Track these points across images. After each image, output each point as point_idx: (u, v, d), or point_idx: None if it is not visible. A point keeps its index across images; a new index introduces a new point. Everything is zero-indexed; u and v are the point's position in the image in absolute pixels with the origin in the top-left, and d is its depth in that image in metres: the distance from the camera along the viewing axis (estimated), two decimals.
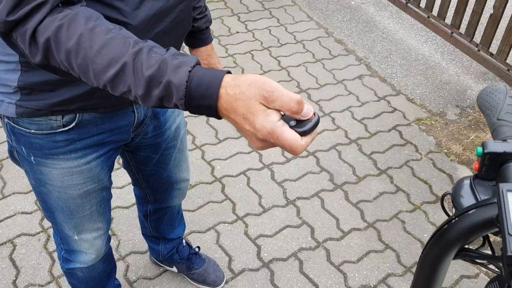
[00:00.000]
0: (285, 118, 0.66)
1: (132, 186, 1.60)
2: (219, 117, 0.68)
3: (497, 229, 0.55)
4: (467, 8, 2.94)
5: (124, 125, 1.13)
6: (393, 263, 1.98)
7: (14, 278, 1.88)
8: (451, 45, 3.23)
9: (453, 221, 0.58)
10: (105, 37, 0.68)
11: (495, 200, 0.55)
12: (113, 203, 2.18)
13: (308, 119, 0.66)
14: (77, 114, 1.02)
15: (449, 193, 0.65)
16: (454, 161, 2.44)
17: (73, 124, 1.03)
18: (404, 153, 2.49)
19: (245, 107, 0.64)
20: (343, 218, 2.16)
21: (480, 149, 0.62)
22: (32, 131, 1.03)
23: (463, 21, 2.99)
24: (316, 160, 2.44)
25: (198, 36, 1.31)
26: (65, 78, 0.80)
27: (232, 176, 2.33)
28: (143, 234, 1.79)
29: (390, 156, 2.47)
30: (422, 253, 0.66)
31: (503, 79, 2.82)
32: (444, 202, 0.72)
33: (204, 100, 0.65)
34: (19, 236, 2.03)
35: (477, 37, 2.94)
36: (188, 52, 1.37)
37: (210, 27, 1.33)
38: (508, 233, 0.48)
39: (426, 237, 2.07)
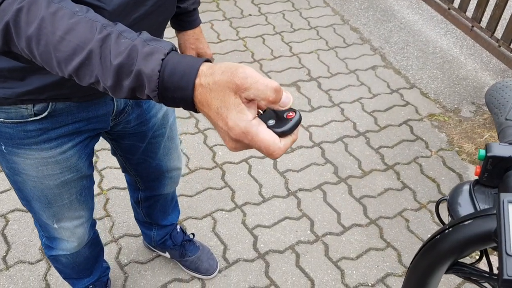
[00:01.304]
0: (262, 116, 0.59)
1: None
2: (197, 111, 0.61)
3: (495, 245, 0.48)
4: (490, 1, 2.81)
5: (102, 114, 1.06)
6: (393, 262, 1.91)
7: (4, 254, 1.85)
8: (470, 40, 3.10)
9: (447, 231, 0.51)
10: (69, 21, 0.61)
11: (495, 212, 0.48)
12: (110, 183, 2.15)
13: (287, 118, 0.58)
14: (50, 103, 0.95)
15: (446, 199, 0.57)
16: (465, 160, 2.34)
17: (45, 113, 0.96)
18: (413, 149, 2.39)
19: (219, 99, 0.57)
20: (344, 212, 2.08)
21: (482, 152, 0.54)
22: (1, 119, 0.96)
23: (484, 14, 2.85)
24: (321, 151, 2.36)
25: (185, 18, 1.23)
26: (33, 66, 0.74)
27: (234, 163, 2.27)
28: (135, 219, 1.74)
29: (398, 151, 2.38)
30: (411, 262, 0.59)
31: None
32: (439, 208, 0.65)
33: (178, 92, 0.59)
34: (12, 211, 2.00)
35: (499, 32, 2.81)
36: (176, 36, 1.30)
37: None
38: (506, 253, 0.41)
39: None
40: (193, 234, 1.84)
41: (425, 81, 2.84)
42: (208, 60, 0.61)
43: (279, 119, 0.59)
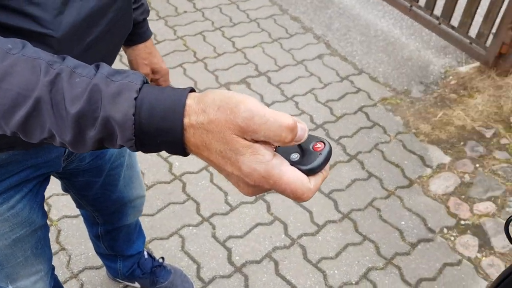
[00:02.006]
0: (281, 150, 0.47)
1: None
2: (187, 154, 0.48)
3: None
4: None
5: (53, 158, 0.90)
6: (372, 255, 1.86)
7: None
8: (409, 19, 3.13)
9: None
10: (2, 64, 0.46)
11: None
12: (59, 212, 1.92)
13: (315, 150, 0.47)
14: None
15: None
16: (423, 141, 2.34)
17: None
18: (372, 136, 2.36)
19: (221, 142, 0.44)
20: (316, 210, 2.01)
21: None
22: None
23: None
24: None
25: (135, 30, 1.07)
26: None
27: (193, 173, 2.11)
28: (96, 252, 1.55)
29: (358, 140, 2.34)
30: None
31: (466, 53, 2.76)
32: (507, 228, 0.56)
33: (163, 136, 0.46)
34: None
35: (437, 10, 2.85)
36: (124, 52, 1.12)
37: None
38: None
39: (403, 225, 1.97)
40: (162, 258, 1.68)
41: (372, 65, 2.82)
42: (192, 90, 0.48)
43: (304, 153, 0.47)
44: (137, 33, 1.08)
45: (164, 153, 2.19)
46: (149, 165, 2.13)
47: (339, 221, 1.98)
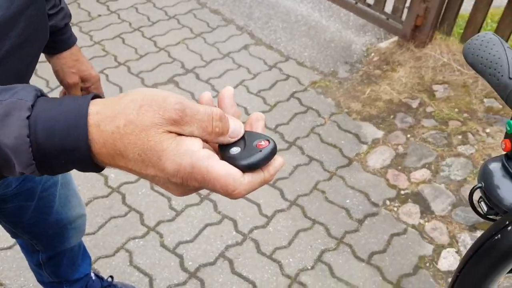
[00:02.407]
0: (223, 146, 0.45)
1: None
2: (100, 170, 0.43)
3: None
4: None
5: None
6: (324, 238, 1.88)
7: None
8: (327, 1, 3.19)
9: (510, 228, 0.42)
10: None
11: None
12: None
13: (257, 147, 0.43)
14: None
15: (480, 187, 0.48)
16: (356, 119, 2.40)
17: None
18: (308, 120, 2.38)
19: (140, 142, 0.40)
20: (263, 202, 1.99)
21: None
22: None
23: None
24: None
25: (58, 37, 0.98)
26: None
27: (132, 183, 2.02)
28: (39, 281, 1.43)
29: (295, 126, 2.35)
30: (460, 270, 0.49)
31: (384, 28, 2.86)
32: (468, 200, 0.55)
33: (68, 155, 0.40)
34: None
35: None
36: (52, 63, 1.02)
37: None
38: None
39: (348, 203, 2.00)
40: (111, 276, 1.59)
41: (297, 51, 2.85)
42: (97, 96, 0.43)
43: (245, 148, 0.44)
44: (60, 40, 0.99)
45: None
46: (82, 181, 2.00)
47: (287, 209, 1.98)
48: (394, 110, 2.44)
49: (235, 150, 0.43)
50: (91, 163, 0.42)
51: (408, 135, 2.30)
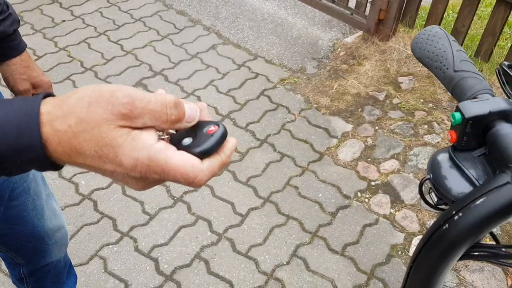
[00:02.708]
0: (174, 138, 0.45)
1: None
2: (58, 168, 0.43)
3: None
4: None
5: None
6: (298, 232, 1.91)
7: None
8: None
9: (456, 217, 0.44)
10: None
11: (507, 180, 0.41)
12: None
13: (208, 133, 0.44)
14: None
15: (429, 178, 0.50)
16: (326, 114, 2.43)
17: None
18: (278, 117, 2.40)
19: (94, 139, 0.40)
20: (237, 200, 2.00)
21: (458, 116, 0.48)
22: None
23: None
24: None
25: (6, 43, 0.97)
26: None
27: (103, 189, 2.00)
28: None
29: (265, 123, 2.37)
30: (413, 260, 0.51)
31: (349, 24, 2.90)
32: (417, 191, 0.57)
33: (23, 156, 0.40)
34: None
35: None
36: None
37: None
38: None
39: (321, 197, 2.03)
40: None
41: (265, 49, 2.86)
42: (49, 95, 0.43)
43: (197, 137, 0.44)
44: (9, 46, 0.98)
45: (67, 174, 2.05)
46: (51, 190, 1.96)
47: (261, 206, 1.99)
48: (361, 103, 2.48)
49: (187, 141, 0.44)
50: (48, 162, 0.41)
51: (376, 127, 2.34)
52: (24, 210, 1.04)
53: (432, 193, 0.52)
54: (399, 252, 1.85)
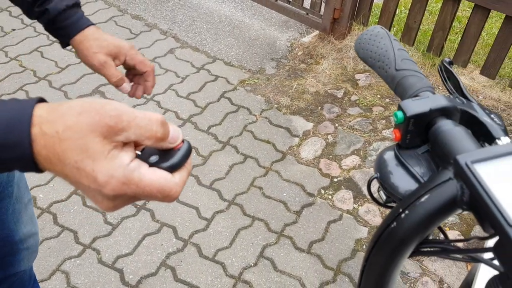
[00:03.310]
0: (141, 156, 0.46)
1: None
2: (40, 171, 0.43)
3: (460, 211, 0.43)
4: None
5: None
6: (264, 233, 1.91)
7: None
8: (248, 0, 3.22)
9: (403, 215, 0.45)
10: None
11: (449, 176, 0.42)
12: None
13: (174, 149, 0.46)
14: None
15: (376, 177, 0.51)
16: (286, 114, 2.45)
17: None
18: (239, 119, 2.40)
19: (77, 150, 0.40)
20: (202, 205, 1.99)
21: (400, 114, 0.49)
22: None
23: None
24: None
25: (61, 23, 0.87)
26: None
27: (62, 201, 1.94)
28: None
29: (227, 125, 2.36)
30: (365, 261, 0.51)
31: (305, 24, 2.93)
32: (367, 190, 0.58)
33: (9, 152, 0.41)
34: None
35: None
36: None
37: None
38: (508, 223, 0.35)
39: (285, 196, 2.05)
40: None
41: (224, 51, 2.86)
42: (43, 100, 0.44)
43: (162, 153, 0.46)
44: (65, 25, 0.87)
45: None
46: None
47: (226, 209, 1.99)
48: (321, 102, 2.51)
49: (154, 158, 0.45)
50: (32, 162, 0.42)
51: (336, 125, 2.38)
52: (4, 214, 1.00)
53: (381, 191, 0.53)
54: (364, 246, 1.88)
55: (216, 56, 2.80)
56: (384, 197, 0.52)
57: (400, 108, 0.49)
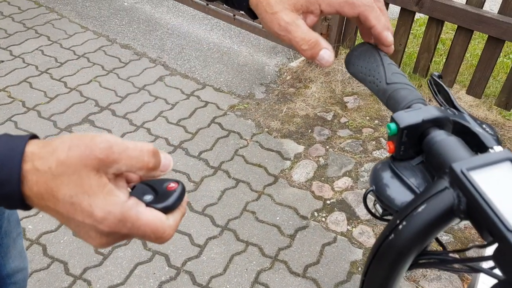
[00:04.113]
0: (134, 193, 0.46)
1: None
2: (27, 208, 0.43)
3: (459, 220, 0.43)
4: None
5: None
6: (258, 258, 1.88)
7: None
8: (236, 28, 3.27)
9: (400, 226, 0.44)
10: None
11: (445, 185, 0.42)
12: None
13: (168, 190, 0.47)
14: None
15: (372, 190, 0.51)
16: (277, 137, 2.46)
17: None
18: (230, 144, 2.40)
19: (72, 184, 0.40)
20: (194, 231, 1.96)
21: (393, 126, 0.49)
22: None
23: None
24: None
25: None
26: None
27: (52, 232, 1.91)
28: None
29: (218, 150, 2.36)
30: (364, 274, 0.51)
31: (292, 49, 2.97)
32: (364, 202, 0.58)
33: None
34: None
35: None
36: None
37: None
38: (507, 228, 0.35)
39: (279, 220, 2.03)
40: None
41: (213, 77, 2.88)
42: (35, 136, 0.44)
43: (158, 193, 0.47)
44: None
45: None
46: None
47: (219, 235, 1.96)
48: (311, 124, 2.53)
49: (148, 198, 0.45)
50: (21, 199, 0.42)
51: (327, 147, 2.39)
52: None
53: (377, 205, 0.52)
54: (359, 269, 1.86)
55: (206, 82, 2.82)
56: (380, 210, 0.52)
57: (393, 120, 0.49)
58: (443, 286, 1.80)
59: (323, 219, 2.04)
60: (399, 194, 0.49)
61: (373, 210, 0.53)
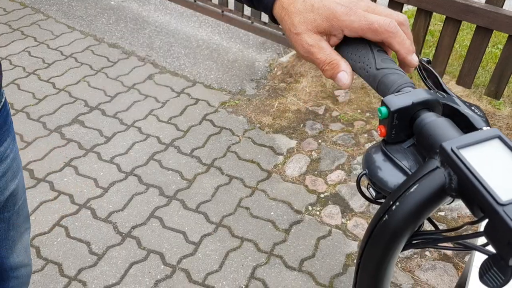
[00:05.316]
0: None
1: None
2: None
3: (450, 199, 0.43)
4: None
5: None
6: (254, 254, 1.88)
7: None
8: (224, 24, 3.26)
9: (394, 207, 0.44)
10: None
11: (436, 165, 0.42)
12: None
13: None
14: None
15: (365, 173, 0.50)
16: (269, 133, 2.46)
17: None
18: (222, 140, 2.40)
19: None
20: (189, 229, 1.95)
21: (384, 109, 0.49)
22: None
23: None
24: (137, 178, 2.16)
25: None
26: None
27: (45, 233, 1.89)
28: None
29: (211, 147, 2.35)
30: (360, 258, 0.50)
31: (282, 44, 2.97)
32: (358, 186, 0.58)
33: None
34: None
35: (247, 11, 3.02)
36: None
37: None
38: (497, 202, 0.35)
39: (273, 215, 2.03)
40: None
41: (203, 74, 2.87)
42: None
43: None
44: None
45: None
46: None
47: (214, 232, 1.96)
48: (303, 119, 2.53)
49: None
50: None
51: (319, 141, 2.39)
52: None
53: (370, 188, 0.52)
54: (355, 261, 1.86)
55: (196, 79, 2.81)
56: (374, 193, 0.52)
57: (383, 103, 0.49)
58: (438, 275, 1.81)
59: (318, 212, 2.04)
60: (392, 176, 0.49)
61: (367, 194, 0.53)
